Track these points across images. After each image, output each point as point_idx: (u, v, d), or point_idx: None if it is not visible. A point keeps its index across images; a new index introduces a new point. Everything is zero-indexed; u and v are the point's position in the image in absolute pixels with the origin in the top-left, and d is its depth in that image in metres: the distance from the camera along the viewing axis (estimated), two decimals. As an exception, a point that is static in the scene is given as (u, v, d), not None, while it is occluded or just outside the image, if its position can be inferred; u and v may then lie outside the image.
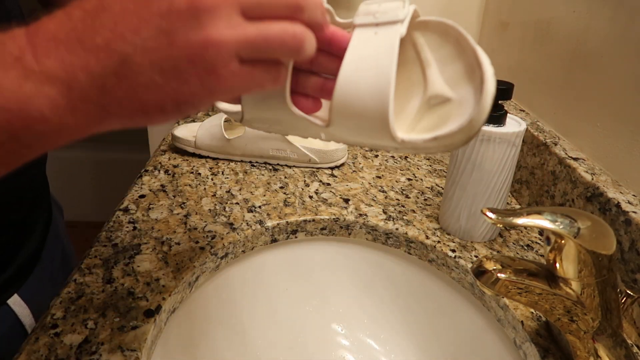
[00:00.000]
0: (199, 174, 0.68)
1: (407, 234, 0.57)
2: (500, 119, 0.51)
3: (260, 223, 0.57)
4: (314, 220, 0.59)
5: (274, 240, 0.58)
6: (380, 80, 0.28)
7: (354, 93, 0.29)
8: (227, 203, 0.61)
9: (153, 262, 0.49)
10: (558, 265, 0.37)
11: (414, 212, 0.62)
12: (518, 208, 0.54)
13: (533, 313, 0.46)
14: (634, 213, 0.45)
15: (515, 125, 0.52)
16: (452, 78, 0.31)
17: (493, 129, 0.50)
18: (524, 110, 0.73)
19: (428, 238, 0.56)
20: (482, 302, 0.51)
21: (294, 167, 0.71)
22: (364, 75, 0.29)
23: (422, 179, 0.70)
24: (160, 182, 0.65)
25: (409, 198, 0.65)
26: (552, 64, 0.66)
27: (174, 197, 0.61)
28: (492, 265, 0.37)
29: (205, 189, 0.64)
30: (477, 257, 0.53)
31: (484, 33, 0.91)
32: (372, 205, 0.62)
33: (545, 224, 0.35)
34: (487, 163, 0.52)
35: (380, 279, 0.61)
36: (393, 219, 0.59)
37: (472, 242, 0.56)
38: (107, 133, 0.28)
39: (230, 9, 0.24)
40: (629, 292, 0.42)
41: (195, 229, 0.55)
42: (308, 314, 0.61)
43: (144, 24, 0.24)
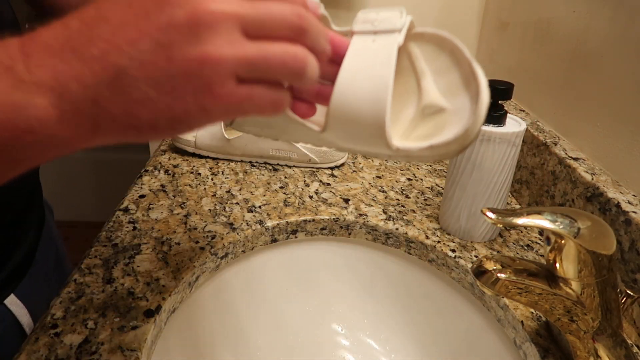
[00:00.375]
0: (199, 174, 0.68)
1: (407, 234, 0.57)
2: (500, 119, 0.51)
3: (260, 223, 0.57)
4: (314, 220, 0.59)
5: (274, 240, 0.58)
6: (378, 88, 0.28)
7: (352, 99, 0.29)
8: (227, 203, 0.61)
9: (153, 262, 0.49)
10: (558, 265, 0.37)
11: (414, 212, 0.62)
12: (518, 208, 0.54)
13: (533, 313, 0.46)
14: (634, 213, 0.45)
15: (515, 125, 0.52)
16: (446, 88, 0.31)
17: (493, 129, 0.50)
18: (524, 110, 0.73)
19: (428, 238, 0.56)
20: (482, 302, 0.51)
21: (294, 167, 0.71)
22: (362, 83, 0.29)
23: (422, 179, 0.70)
24: (160, 182, 0.65)
25: (409, 198, 0.65)
26: (552, 64, 0.66)
27: (174, 197, 0.61)
28: (492, 265, 0.37)
29: (205, 189, 0.64)
30: (477, 257, 0.53)
31: (484, 33, 0.91)
32: (372, 205, 0.62)
33: (545, 224, 0.35)
34: (487, 163, 0.52)
35: (380, 279, 0.61)
36: (393, 219, 0.59)
37: (472, 242, 0.56)
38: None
39: (231, 26, 0.24)
40: (629, 292, 0.42)
41: (195, 229, 0.55)
42: (308, 314, 0.61)
43: (142, 37, 0.23)
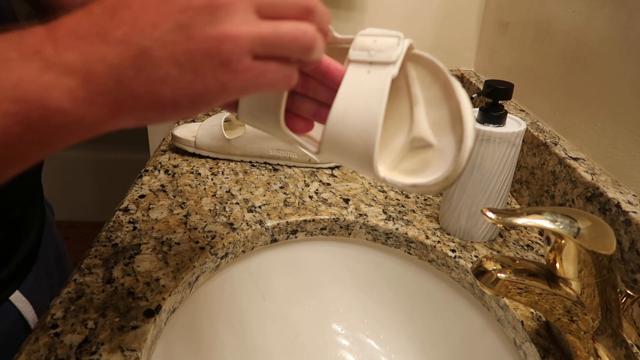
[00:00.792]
0: (199, 174, 0.68)
1: (407, 234, 0.57)
2: (500, 119, 0.51)
3: (260, 223, 0.57)
4: (314, 220, 0.59)
5: (274, 240, 0.58)
6: (369, 125, 0.30)
7: (344, 131, 0.31)
8: (227, 203, 0.61)
9: (153, 262, 0.49)
10: (558, 265, 0.37)
11: (414, 212, 0.62)
12: (518, 208, 0.54)
13: (533, 313, 0.46)
14: (634, 213, 0.45)
15: (515, 125, 0.52)
16: (436, 123, 0.33)
17: (493, 129, 0.50)
18: (524, 110, 0.73)
19: (428, 238, 0.56)
20: (482, 302, 0.51)
21: (294, 167, 0.71)
22: (354, 117, 0.31)
23: (422, 179, 0.70)
24: (160, 182, 0.65)
25: (409, 198, 0.65)
26: (552, 64, 0.66)
27: (174, 197, 0.61)
28: (492, 265, 0.37)
29: (205, 189, 0.64)
30: (477, 257, 0.53)
31: (484, 33, 0.91)
32: (372, 205, 0.62)
33: (545, 224, 0.35)
34: (487, 163, 0.52)
35: (380, 279, 0.61)
36: (393, 219, 0.59)
37: (472, 242, 0.56)
38: (107, 133, 0.28)
39: (246, 7, 0.25)
40: (629, 292, 0.42)
41: (195, 229, 0.55)
42: (308, 314, 0.61)
43: (163, 19, 0.24)
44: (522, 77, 0.74)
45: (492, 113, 0.51)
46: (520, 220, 0.35)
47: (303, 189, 0.65)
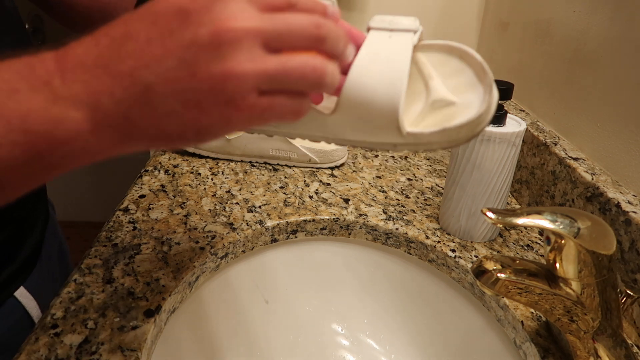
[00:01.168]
0: (199, 174, 0.68)
1: (407, 234, 0.57)
2: (500, 119, 0.51)
3: (260, 223, 0.57)
4: (314, 220, 0.59)
5: (274, 240, 0.58)
6: (395, 70, 0.29)
7: (367, 80, 0.29)
8: (227, 203, 0.61)
9: (153, 262, 0.49)
10: (558, 265, 0.37)
11: (414, 212, 0.62)
12: (518, 208, 0.54)
13: (533, 313, 0.46)
14: (634, 213, 0.45)
15: (515, 125, 0.52)
16: (455, 88, 0.32)
17: (493, 129, 0.50)
18: (524, 110, 0.73)
19: (428, 238, 0.56)
20: (482, 302, 0.51)
21: (294, 167, 0.71)
22: (379, 66, 0.29)
23: (422, 179, 0.70)
24: (160, 182, 0.65)
25: (409, 198, 0.65)
26: (552, 64, 0.66)
27: (174, 197, 0.61)
28: (492, 265, 0.37)
29: (205, 189, 0.64)
30: (477, 257, 0.53)
31: (484, 33, 0.91)
32: (372, 205, 0.62)
33: (545, 224, 0.35)
34: (487, 163, 0.52)
35: (380, 279, 0.61)
36: (393, 219, 0.59)
37: (472, 242, 0.56)
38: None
39: (252, 42, 0.25)
40: (629, 292, 0.42)
41: (195, 229, 0.55)
42: (308, 314, 0.61)
43: (167, 54, 0.24)
44: (522, 77, 0.74)
45: (492, 113, 0.51)
46: (520, 220, 0.35)
47: (303, 189, 0.65)
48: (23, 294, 0.50)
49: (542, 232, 0.56)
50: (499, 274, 0.37)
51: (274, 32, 0.25)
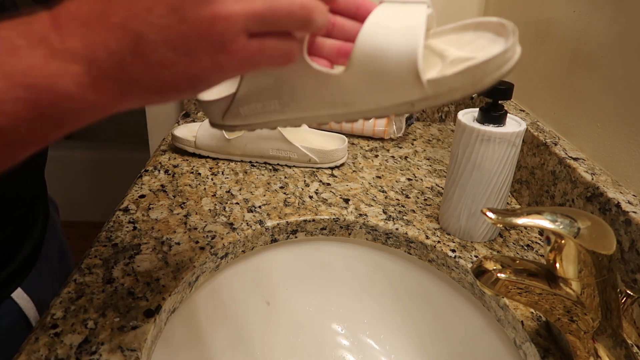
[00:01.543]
0: (199, 174, 0.68)
1: (407, 234, 0.57)
2: (500, 119, 0.51)
3: (260, 223, 0.57)
4: (314, 220, 0.59)
5: (274, 240, 0.58)
6: (411, 19, 0.28)
7: (382, 30, 0.28)
8: (227, 203, 0.61)
9: (153, 262, 0.49)
10: (558, 265, 0.37)
11: (414, 212, 0.62)
12: (518, 208, 0.54)
13: (533, 313, 0.46)
14: (634, 213, 0.45)
15: (515, 125, 0.52)
16: (473, 49, 0.31)
17: (493, 129, 0.50)
18: (524, 110, 0.73)
19: (428, 238, 0.56)
20: (482, 302, 0.51)
21: (294, 167, 0.71)
22: (394, 19, 0.29)
23: (422, 179, 0.70)
24: (160, 182, 0.65)
25: (409, 198, 0.65)
26: (552, 64, 0.66)
27: (174, 197, 0.61)
28: (492, 265, 0.37)
29: (205, 189, 0.64)
30: (477, 257, 0.53)
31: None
32: (372, 205, 0.62)
33: (545, 224, 0.35)
34: (487, 163, 0.52)
35: (380, 279, 0.61)
36: (393, 219, 0.59)
37: (472, 242, 0.56)
38: (107, 132, 0.28)
39: None
40: (629, 292, 0.42)
41: (195, 229, 0.55)
42: (308, 314, 0.61)
43: (156, 2, 0.24)
44: (522, 77, 0.74)
45: (492, 113, 0.51)
46: (520, 220, 0.35)
47: (303, 189, 0.65)
48: (20, 295, 0.50)
49: (542, 232, 0.56)
50: (499, 274, 0.37)
51: None
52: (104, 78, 0.26)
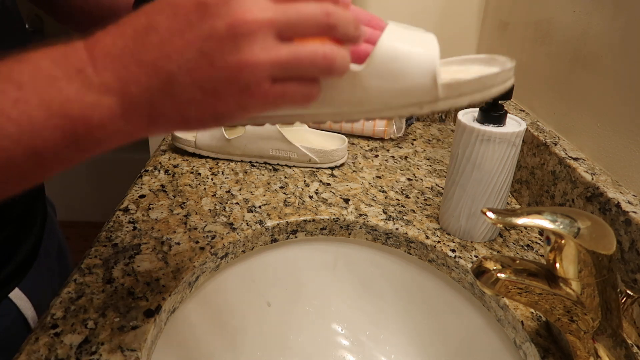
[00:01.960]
0: (199, 174, 0.68)
1: (407, 234, 0.57)
2: (500, 119, 0.51)
3: (260, 223, 0.57)
4: (314, 220, 0.59)
5: (274, 240, 0.58)
6: (427, 36, 0.31)
7: (404, 37, 0.31)
8: (227, 203, 0.61)
9: (153, 262, 0.49)
10: (558, 265, 0.37)
11: (414, 212, 0.62)
12: (518, 208, 0.54)
13: (533, 313, 0.46)
14: (634, 213, 0.45)
15: (515, 125, 0.52)
16: (479, 72, 0.33)
17: (493, 129, 0.50)
18: (524, 110, 0.73)
19: (428, 238, 0.56)
20: (482, 302, 0.51)
21: (294, 167, 0.71)
22: (412, 33, 0.31)
23: (422, 179, 0.70)
24: (160, 182, 0.65)
25: (409, 198, 0.65)
26: (552, 64, 0.66)
27: (174, 197, 0.61)
28: (492, 265, 0.37)
29: (205, 189, 0.64)
30: (477, 257, 0.53)
31: (484, 33, 0.91)
32: (372, 205, 0.62)
33: (545, 224, 0.35)
34: (487, 163, 0.52)
35: (380, 279, 0.61)
36: (393, 219, 0.59)
37: (472, 242, 0.56)
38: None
39: (266, 32, 0.26)
40: (629, 292, 0.42)
41: (195, 229, 0.55)
42: (308, 314, 0.61)
43: (188, 46, 0.26)
44: (522, 77, 0.74)
45: (492, 113, 0.51)
46: (520, 220, 0.35)
47: (303, 189, 0.65)
48: (18, 296, 0.50)
49: (542, 232, 0.56)
50: (499, 274, 0.37)
51: (286, 22, 0.27)
52: (135, 111, 0.27)
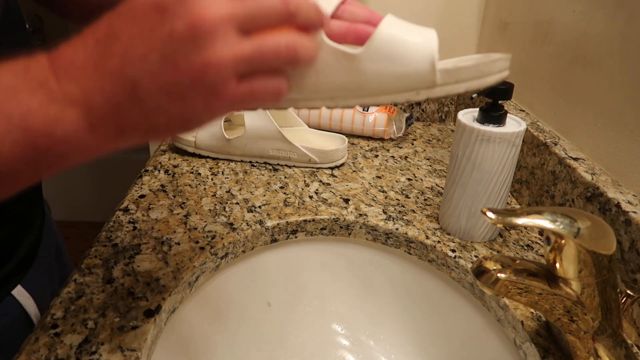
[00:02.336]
0: (199, 174, 0.68)
1: (407, 234, 0.57)
2: (500, 119, 0.51)
3: (260, 223, 0.57)
4: (314, 220, 0.59)
5: (274, 240, 0.58)
6: (426, 29, 0.31)
7: (404, 24, 0.31)
8: (227, 203, 0.61)
9: (153, 262, 0.49)
10: (558, 265, 0.37)
11: (414, 212, 0.62)
12: (518, 208, 0.54)
13: (533, 313, 0.46)
14: (634, 213, 0.45)
15: (515, 125, 0.52)
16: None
17: (493, 129, 0.50)
18: (524, 110, 0.73)
19: (428, 238, 0.56)
20: (482, 302, 0.51)
21: (294, 167, 0.71)
22: (411, 24, 0.31)
23: (422, 179, 0.70)
24: (160, 182, 0.65)
25: (409, 198, 0.65)
26: (552, 64, 0.66)
27: (174, 197, 0.61)
28: (492, 265, 0.37)
29: (205, 189, 0.64)
30: (477, 257, 0.53)
31: (484, 33, 0.91)
32: (372, 205, 0.62)
33: (545, 224, 0.35)
34: (487, 163, 0.52)
35: (380, 279, 0.61)
36: (393, 219, 0.59)
37: (472, 242, 0.56)
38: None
39: (227, 28, 0.25)
40: (629, 292, 0.42)
41: (195, 229, 0.55)
42: (308, 314, 0.61)
43: (149, 50, 0.25)
44: (522, 77, 0.74)
45: (492, 113, 0.51)
46: (520, 220, 0.35)
47: (303, 189, 0.65)
48: (20, 293, 0.50)
49: (542, 232, 0.56)
50: (499, 274, 0.37)
51: (246, 15, 0.26)
52: (101, 122, 0.26)
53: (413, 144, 0.83)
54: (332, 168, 0.72)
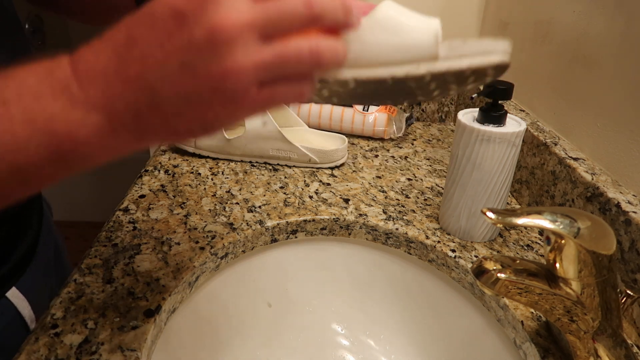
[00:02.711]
0: (199, 174, 0.68)
1: (407, 234, 0.57)
2: (500, 119, 0.51)
3: (260, 223, 0.57)
4: (314, 220, 0.59)
5: (274, 240, 0.58)
6: (426, 17, 0.31)
7: (400, 10, 0.30)
8: (227, 203, 0.61)
9: (153, 262, 0.49)
10: (558, 265, 0.37)
11: (414, 212, 0.62)
12: (518, 208, 0.54)
13: (533, 313, 0.46)
14: (634, 213, 0.45)
15: (515, 125, 0.52)
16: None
17: (493, 129, 0.50)
18: (524, 110, 0.73)
19: (428, 238, 0.56)
20: (482, 302, 0.51)
21: (294, 167, 0.71)
22: (408, 12, 0.31)
23: (422, 179, 0.70)
24: (160, 182, 0.65)
25: (409, 198, 0.65)
26: (552, 64, 0.66)
27: (174, 197, 0.61)
28: (492, 265, 0.37)
29: (205, 189, 0.64)
30: (477, 257, 0.53)
31: (484, 33, 0.91)
32: (372, 205, 0.62)
33: (545, 224, 0.35)
34: (487, 163, 0.52)
35: (380, 279, 0.61)
36: (393, 219, 0.59)
37: (472, 242, 0.56)
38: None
39: (247, 36, 0.25)
40: (629, 292, 0.42)
41: (195, 229, 0.55)
42: (308, 314, 0.61)
43: (168, 58, 0.25)
44: (522, 77, 0.74)
45: (492, 113, 0.51)
46: (520, 220, 0.35)
47: (303, 189, 0.65)
48: (15, 295, 0.49)
49: (542, 232, 0.56)
50: (499, 274, 0.37)
51: (267, 21, 0.25)
52: (122, 127, 0.27)
53: (413, 144, 0.83)
54: (332, 168, 0.72)
